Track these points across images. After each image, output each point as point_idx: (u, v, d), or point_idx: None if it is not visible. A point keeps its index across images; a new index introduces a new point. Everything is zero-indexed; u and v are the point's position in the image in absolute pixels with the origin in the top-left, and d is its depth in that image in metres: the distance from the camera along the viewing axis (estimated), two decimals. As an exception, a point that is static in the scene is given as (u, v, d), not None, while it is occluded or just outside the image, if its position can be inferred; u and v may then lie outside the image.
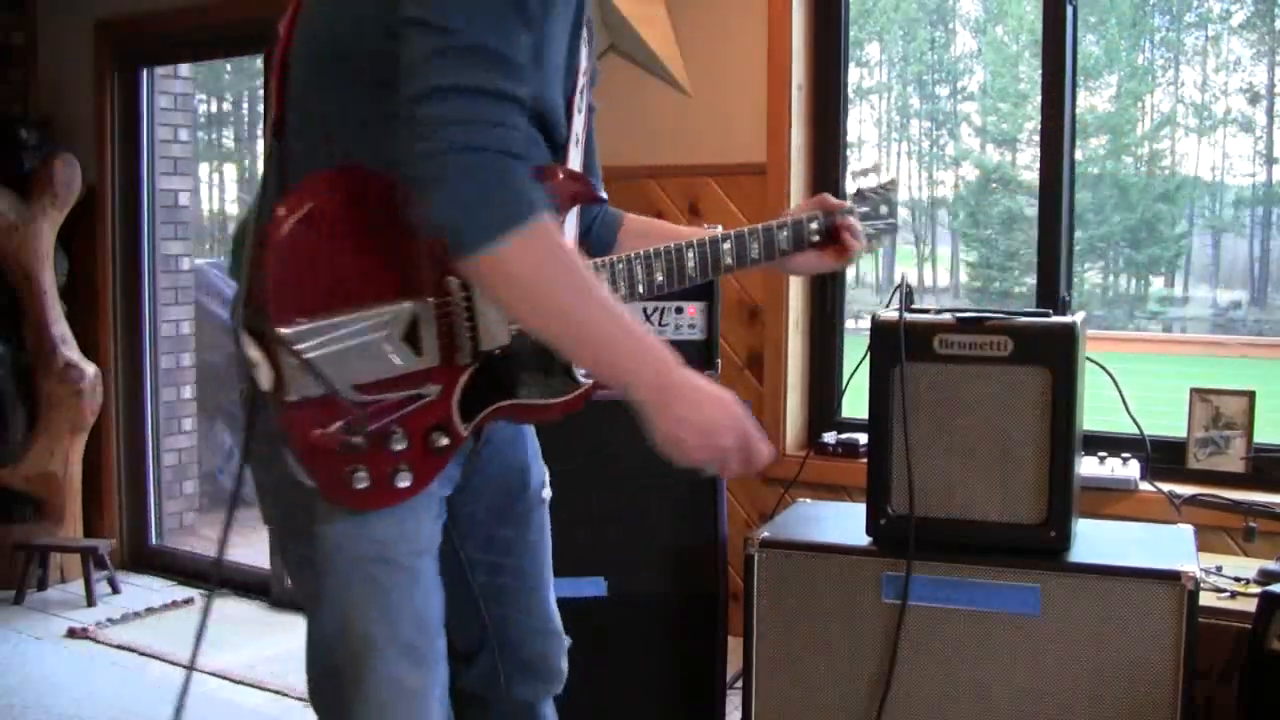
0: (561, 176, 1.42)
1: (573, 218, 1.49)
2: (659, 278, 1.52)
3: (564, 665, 1.69)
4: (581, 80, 1.48)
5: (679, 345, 2.52)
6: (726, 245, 1.57)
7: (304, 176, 1.30)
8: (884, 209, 1.76)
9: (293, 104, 1.39)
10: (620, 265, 1.50)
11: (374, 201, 1.29)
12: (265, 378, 1.27)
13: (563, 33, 1.40)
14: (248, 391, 1.35)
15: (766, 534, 2.23)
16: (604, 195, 1.52)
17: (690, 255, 1.54)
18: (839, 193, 3.14)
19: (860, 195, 1.75)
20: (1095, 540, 2.14)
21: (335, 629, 1.39)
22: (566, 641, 1.70)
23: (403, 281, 1.30)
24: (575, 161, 1.48)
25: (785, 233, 1.62)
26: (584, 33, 1.49)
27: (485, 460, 1.54)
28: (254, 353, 1.27)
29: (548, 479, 1.67)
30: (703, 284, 2.52)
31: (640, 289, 1.51)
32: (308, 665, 1.49)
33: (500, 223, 1.18)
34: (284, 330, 1.25)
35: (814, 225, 1.64)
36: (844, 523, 2.28)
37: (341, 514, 1.34)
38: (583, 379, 1.45)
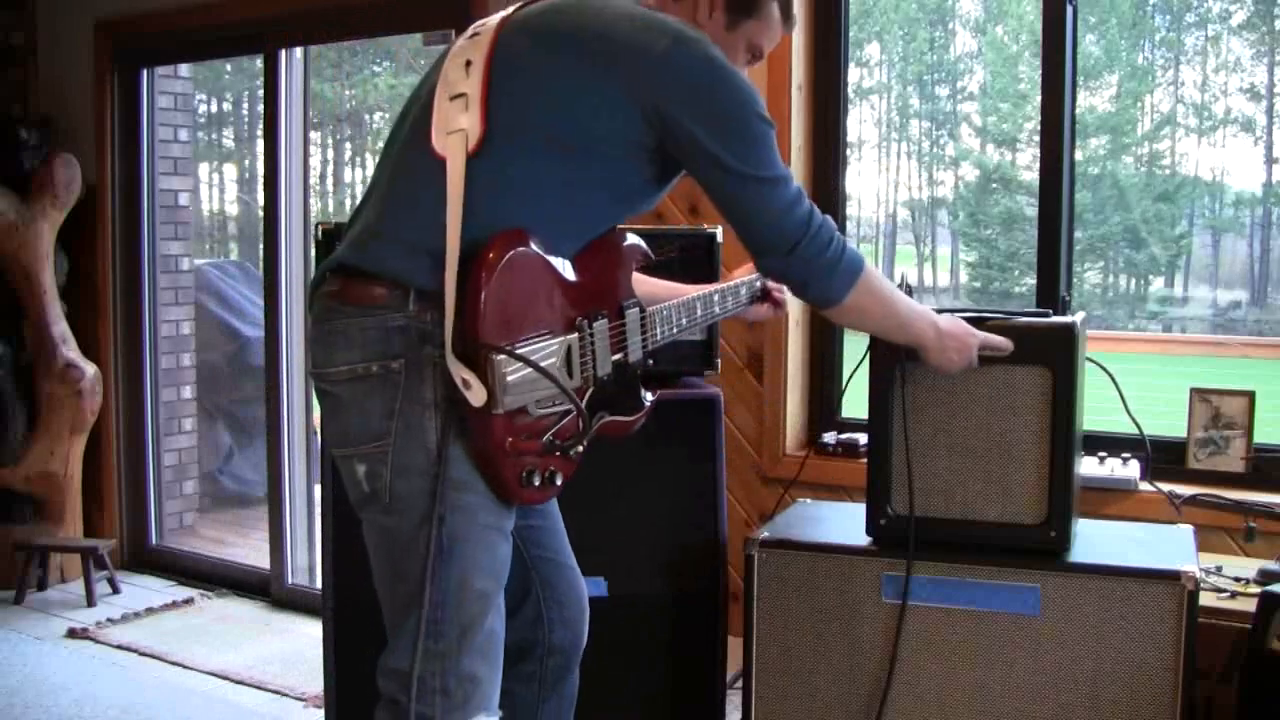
0: (628, 238, 1.82)
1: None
2: (683, 321, 1.93)
3: (585, 616, 1.93)
4: None
5: (679, 345, 2.54)
6: (718, 298, 2.03)
7: (508, 221, 1.56)
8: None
9: (498, 137, 1.57)
10: (665, 311, 1.88)
11: (550, 252, 1.61)
12: (476, 395, 1.49)
13: None
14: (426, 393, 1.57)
15: (766, 534, 2.23)
16: (655, 257, 1.88)
17: (715, 300, 2.03)
18: (838, 217, 3.14)
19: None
20: (1095, 540, 2.14)
21: (457, 586, 1.57)
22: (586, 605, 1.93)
23: (564, 320, 1.63)
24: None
25: (745, 290, 2.12)
26: None
27: None
28: (465, 374, 1.49)
29: None
30: (703, 284, 2.54)
31: (673, 330, 1.90)
32: (411, 628, 1.58)
33: (846, 282, 1.74)
34: (496, 357, 1.50)
35: (758, 284, 2.13)
36: (844, 523, 2.28)
37: (490, 495, 1.58)
38: (647, 399, 1.81)
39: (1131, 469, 2.60)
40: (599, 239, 1.71)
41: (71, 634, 3.64)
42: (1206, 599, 2.06)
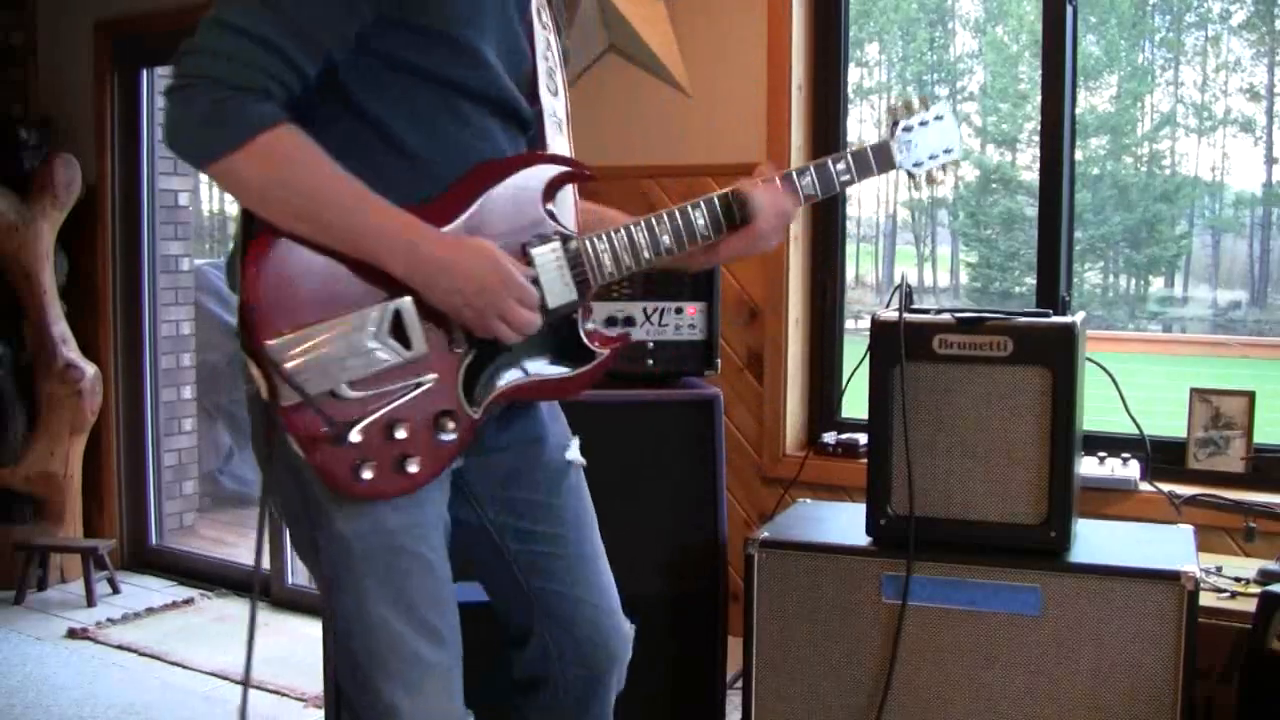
0: (537, 163, 1.51)
1: (568, 202, 1.54)
2: (624, 251, 1.54)
3: (622, 649, 1.72)
4: (548, 61, 1.55)
5: (679, 345, 2.54)
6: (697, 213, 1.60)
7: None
8: (936, 138, 1.74)
9: None
10: (620, 234, 1.54)
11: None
12: (264, 389, 1.36)
13: (495, 10, 1.46)
14: (251, 392, 1.42)
15: (766, 534, 2.23)
16: (589, 173, 1.55)
17: (698, 213, 1.59)
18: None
19: (899, 129, 1.72)
20: (1095, 540, 2.14)
21: (354, 616, 1.45)
22: (629, 626, 1.73)
23: (386, 282, 1.38)
24: (561, 143, 1.58)
25: (703, 212, 1.59)
26: (541, 13, 1.58)
27: (492, 428, 1.56)
28: (253, 369, 1.36)
29: (574, 442, 1.69)
30: (703, 284, 2.54)
31: (646, 254, 1.55)
32: (335, 654, 1.53)
33: (221, 141, 1.32)
34: (268, 343, 1.34)
35: (724, 202, 1.60)
36: (844, 523, 2.28)
37: (351, 507, 1.41)
38: (597, 350, 1.54)
39: (1131, 469, 2.60)
40: (481, 168, 1.46)
41: (71, 634, 3.64)
42: (1206, 599, 2.06)
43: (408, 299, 1.39)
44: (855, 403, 2.70)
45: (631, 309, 2.50)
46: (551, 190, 1.50)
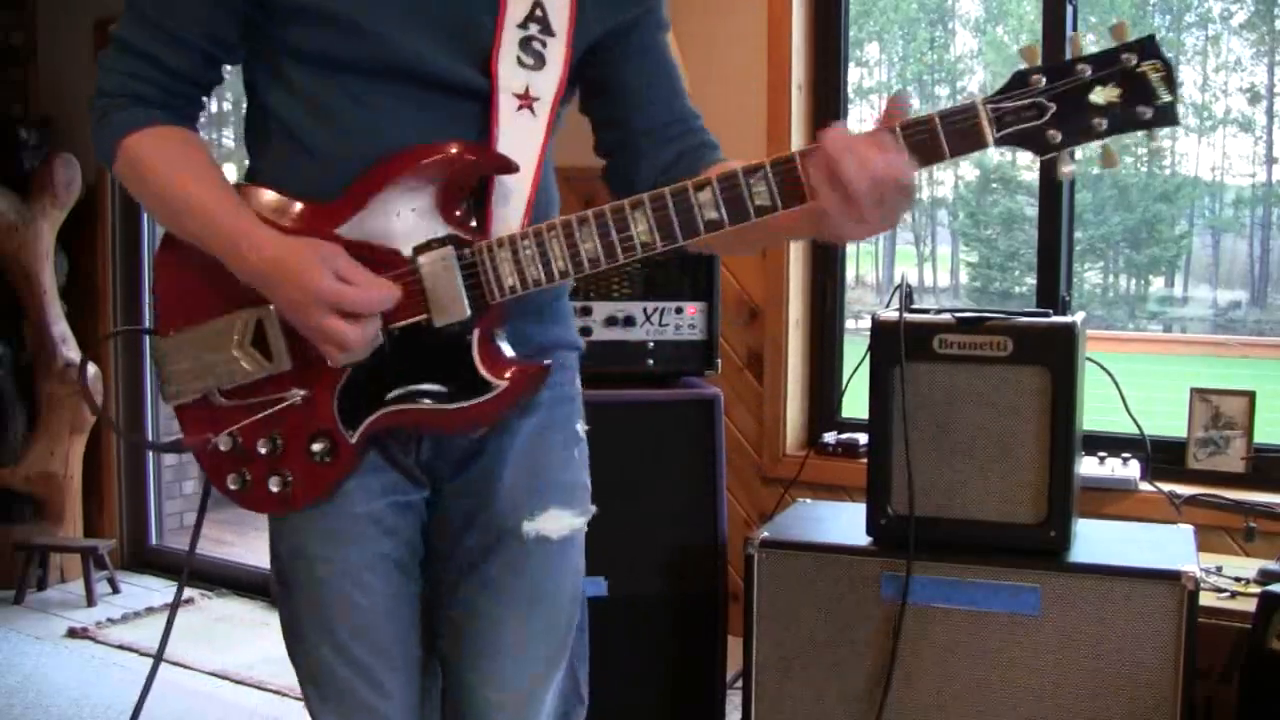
0: (436, 154, 1.26)
1: (509, 198, 1.29)
2: (554, 256, 1.25)
3: None
4: (527, 29, 1.31)
5: (679, 345, 2.54)
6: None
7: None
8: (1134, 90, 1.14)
9: None
10: (528, 241, 1.25)
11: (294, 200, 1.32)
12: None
13: None
14: None
15: (766, 534, 2.23)
16: (504, 162, 1.28)
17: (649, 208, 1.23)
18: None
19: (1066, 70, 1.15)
20: (1095, 540, 2.14)
21: (289, 629, 1.41)
22: None
23: (243, 291, 1.27)
24: (520, 125, 1.31)
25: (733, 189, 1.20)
26: None
27: (449, 467, 1.39)
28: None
29: (550, 512, 1.39)
30: (703, 284, 2.54)
31: (561, 266, 1.25)
32: None
33: (103, 151, 1.38)
34: (160, 341, 1.33)
35: (764, 178, 1.19)
36: (844, 523, 2.28)
37: (277, 523, 1.39)
38: (495, 382, 1.27)
39: (1131, 469, 2.60)
40: (383, 161, 1.26)
41: (71, 634, 3.63)
42: (1206, 599, 2.06)
43: (271, 307, 1.27)
44: (855, 403, 2.70)
45: (631, 309, 2.50)
46: (455, 184, 1.26)
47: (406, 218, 1.25)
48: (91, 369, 4.16)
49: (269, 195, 1.31)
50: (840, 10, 3.12)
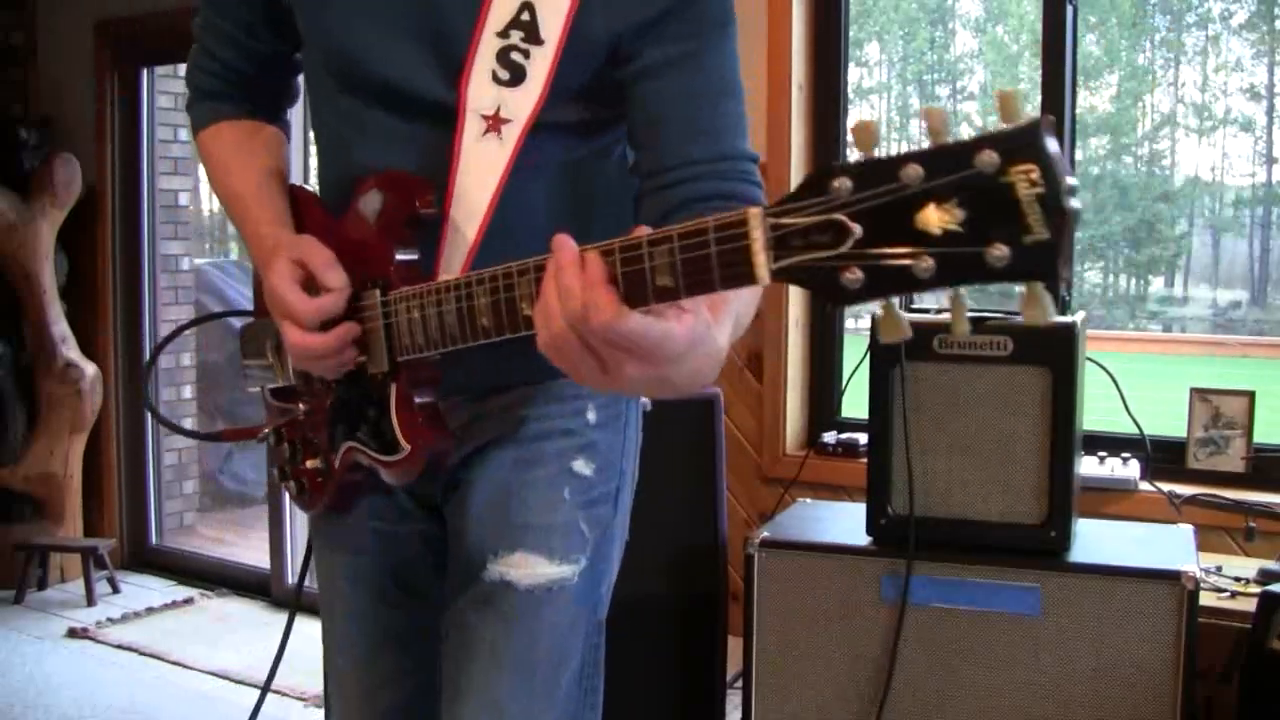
0: (375, 188, 1.18)
1: (459, 237, 1.16)
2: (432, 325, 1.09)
3: None
4: (508, 39, 1.13)
5: (679, 345, 2.54)
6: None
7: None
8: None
9: None
10: (430, 299, 1.08)
11: (324, 213, 1.32)
12: None
13: None
14: None
15: (766, 534, 2.23)
16: (418, 210, 1.15)
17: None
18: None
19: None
20: (1095, 540, 2.14)
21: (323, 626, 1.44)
22: None
23: None
24: (483, 150, 1.14)
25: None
26: None
27: (444, 496, 1.31)
28: None
29: (513, 555, 1.23)
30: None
31: (456, 335, 1.06)
32: None
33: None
34: (243, 329, 1.38)
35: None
36: (844, 523, 2.27)
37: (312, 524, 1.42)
38: (402, 445, 1.15)
39: (1131, 469, 2.60)
40: (358, 184, 1.20)
41: (71, 634, 3.64)
42: (1206, 599, 2.06)
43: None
44: (855, 403, 2.70)
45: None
46: (396, 221, 1.15)
47: (358, 250, 1.17)
48: (91, 369, 4.16)
49: (304, 194, 1.31)
50: (840, 10, 3.12)
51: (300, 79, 1.38)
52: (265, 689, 1.69)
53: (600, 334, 0.84)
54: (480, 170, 1.14)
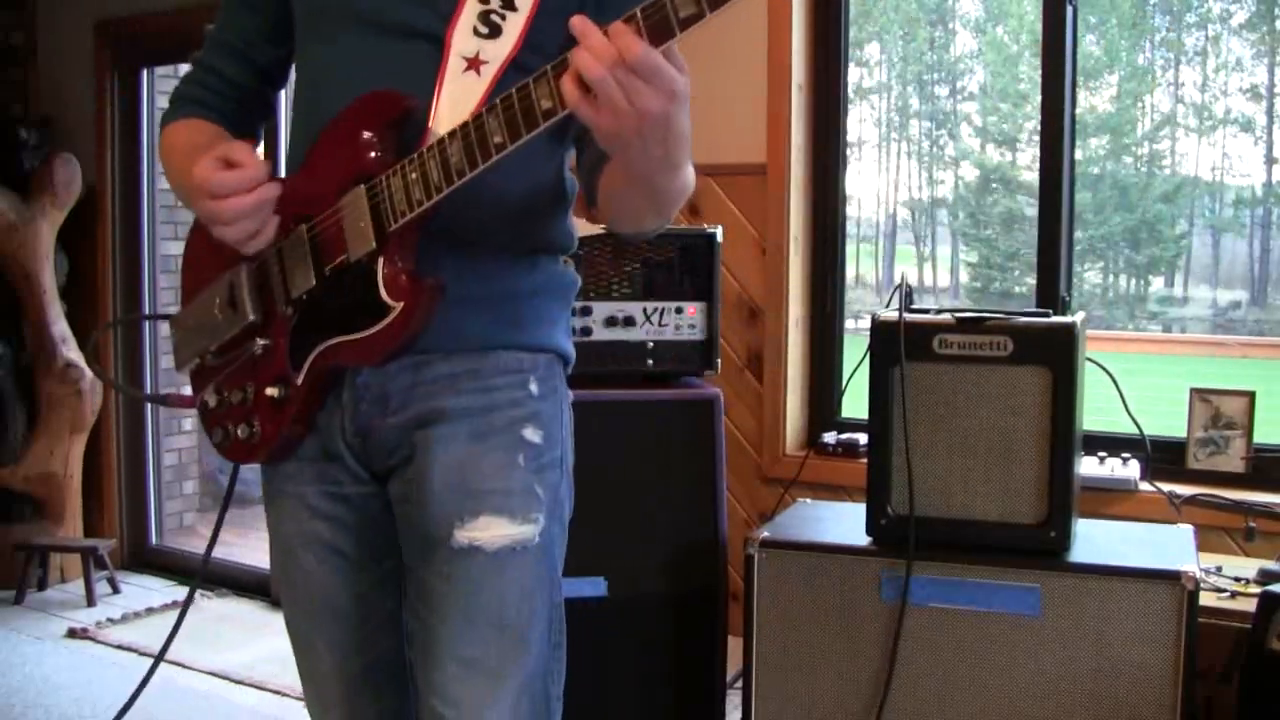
0: (362, 99, 1.31)
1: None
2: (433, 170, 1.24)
3: None
4: (488, 3, 1.30)
5: (679, 345, 2.54)
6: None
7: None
8: None
9: None
10: (413, 162, 1.26)
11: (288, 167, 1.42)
12: None
13: None
14: None
15: (766, 534, 2.23)
16: (407, 103, 1.29)
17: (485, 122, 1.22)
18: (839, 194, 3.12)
19: None
20: (1095, 540, 2.14)
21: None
22: None
23: (228, 259, 1.40)
24: (463, 85, 1.29)
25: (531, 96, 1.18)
26: None
27: (390, 469, 1.39)
28: None
29: (477, 519, 1.32)
30: (703, 284, 2.54)
31: (437, 181, 1.23)
32: None
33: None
34: (175, 315, 1.49)
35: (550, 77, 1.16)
36: (844, 523, 2.28)
37: (261, 483, 1.51)
38: (392, 304, 1.27)
39: (1131, 469, 2.60)
40: (333, 118, 1.33)
41: (71, 634, 3.64)
42: (1206, 599, 2.06)
43: (242, 268, 1.38)
44: (855, 403, 2.70)
45: (631, 309, 2.50)
46: (380, 121, 1.29)
47: (337, 160, 1.31)
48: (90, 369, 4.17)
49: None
50: (840, 10, 3.12)
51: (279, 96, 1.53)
52: (159, 658, 1.90)
53: (632, 65, 1.13)
54: (459, 98, 1.29)
